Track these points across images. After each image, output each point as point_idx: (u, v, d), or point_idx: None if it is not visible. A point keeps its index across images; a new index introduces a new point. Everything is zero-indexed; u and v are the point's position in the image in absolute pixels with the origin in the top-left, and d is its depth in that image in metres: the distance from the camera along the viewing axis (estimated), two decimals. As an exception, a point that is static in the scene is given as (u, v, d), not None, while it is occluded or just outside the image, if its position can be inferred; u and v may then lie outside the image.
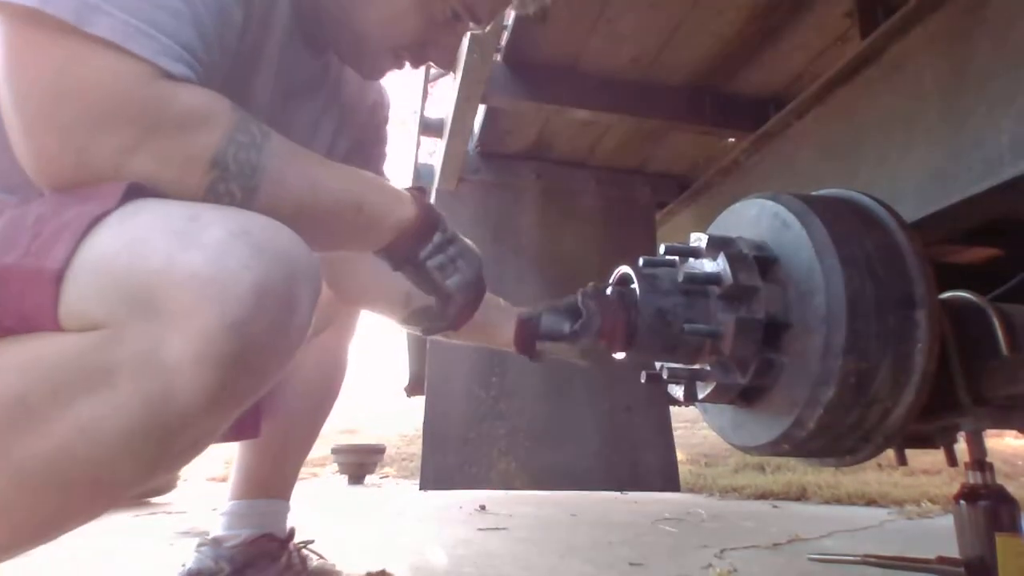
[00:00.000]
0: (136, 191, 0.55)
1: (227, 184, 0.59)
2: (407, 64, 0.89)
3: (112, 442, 0.50)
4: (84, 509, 0.55)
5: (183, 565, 1.11)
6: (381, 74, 0.90)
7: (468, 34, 1.60)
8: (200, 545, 1.13)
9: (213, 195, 0.59)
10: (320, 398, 1.23)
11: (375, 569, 1.30)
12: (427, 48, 0.87)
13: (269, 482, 1.18)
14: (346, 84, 0.99)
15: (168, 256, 0.51)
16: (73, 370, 0.50)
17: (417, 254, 0.77)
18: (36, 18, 0.52)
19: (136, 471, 0.54)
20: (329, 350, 1.21)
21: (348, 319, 1.21)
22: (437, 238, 0.77)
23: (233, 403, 0.55)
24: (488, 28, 0.94)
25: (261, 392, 0.58)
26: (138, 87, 0.55)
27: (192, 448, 0.58)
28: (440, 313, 0.82)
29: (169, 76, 0.57)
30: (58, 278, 0.50)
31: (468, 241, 0.83)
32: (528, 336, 0.94)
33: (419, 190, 0.79)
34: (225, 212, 0.56)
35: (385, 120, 1.13)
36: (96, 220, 0.52)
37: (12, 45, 0.54)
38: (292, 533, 1.19)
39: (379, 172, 1.12)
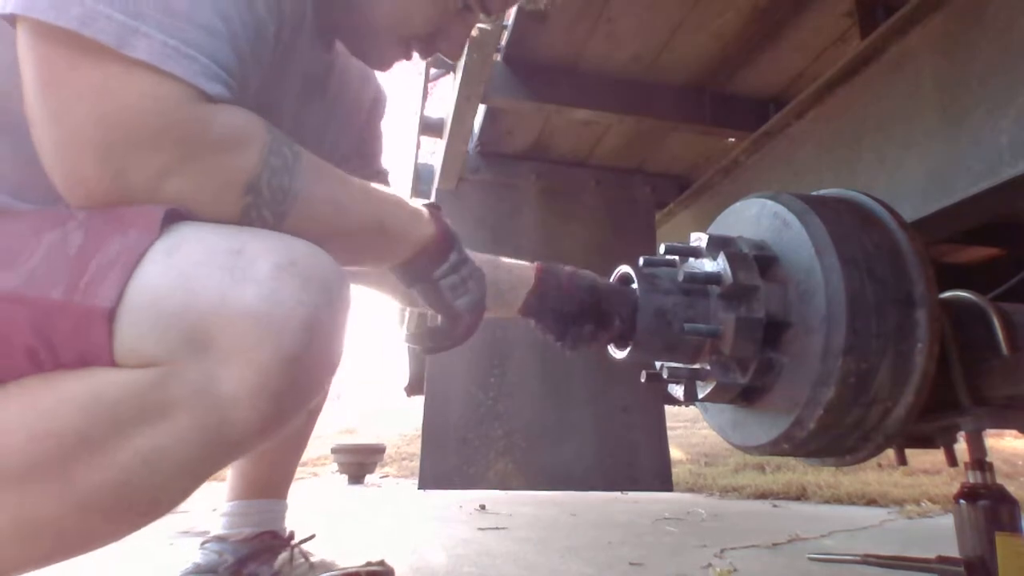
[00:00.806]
0: (172, 216, 0.56)
1: (259, 210, 0.60)
2: (416, 55, 0.89)
3: (172, 470, 0.53)
4: (136, 526, 0.57)
5: (189, 562, 1.12)
6: (389, 64, 0.90)
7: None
8: (205, 542, 1.15)
9: (246, 219, 0.59)
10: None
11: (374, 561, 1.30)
12: (437, 39, 0.87)
13: (266, 482, 1.19)
14: (349, 81, 0.99)
15: (220, 293, 0.52)
16: (134, 406, 0.52)
17: (432, 272, 0.77)
18: (74, 40, 0.52)
19: (188, 492, 0.57)
20: None
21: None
22: (453, 258, 0.78)
23: (282, 427, 0.57)
24: (493, 25, 0.93)
25: (305, 412, 0.60)
26: (177, 110, 0.55)
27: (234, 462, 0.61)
28: (447, 333, 0.82)
29: (207, 97, 0.57)
30: (111, 317, 0.51)
31: (475, 261, 0.83)
32: (528, 314, 0.92)
33: (435, 207, 0.80)
34: (267, 241, 0.57)
35: (382, 115, 1.13)
36: (142, 254, 0.53)
37: (49, 66, 0.53)
38: (292, 534, 1.20)
39: (379, 167, 1.12)
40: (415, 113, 2.33)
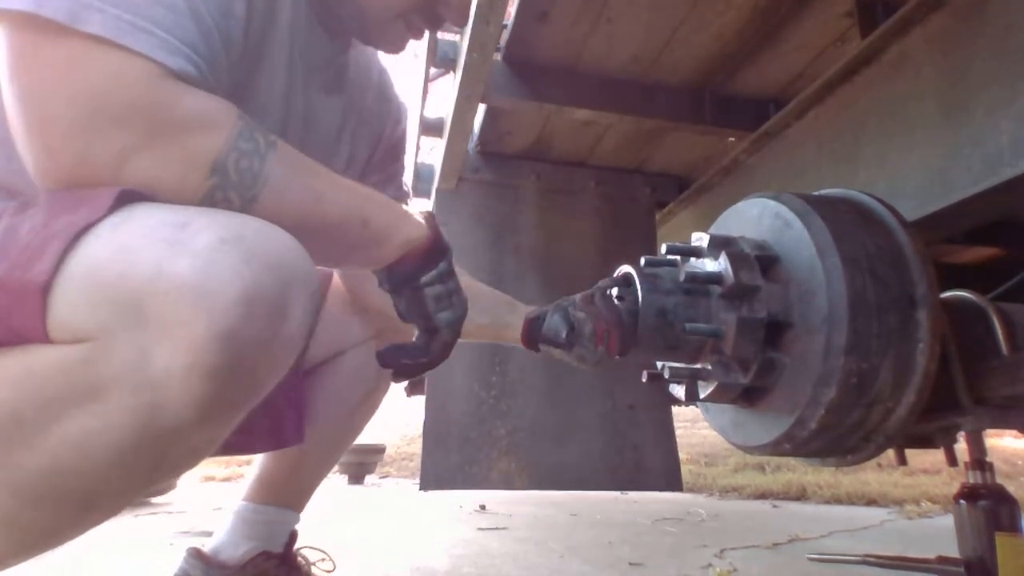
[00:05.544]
0: (129, 197, 0.54)
1: (226, 192, 0.58)
2: (424, 31, 0.87)
3: (104, 456, 0.50)
4: (80, 522, 0.55)
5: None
6: (400, 46, 0.88)
7: (468, 34, 1.61)
8: (190, 557, 1.06)
9: (210, 201, 0.58)
10: (352, 410, 1.15)
11: (375, 572, 1.27)
12: (438, 8, 0.85)
13: (282, 489, 1.12)
14: (367, 90, 0.98)
15: (156, 265, 0.50)
16: (62, 384, 0.50)
17: (419, 278, 0.73)
18: (32, 22, 0.52)
19: (130, 484, 0.54)
20: (371, 363, 1.15)
21: (400, 333, 1.09)
22: (442, 266, 0.74)
23: (227, 414, 0.54)
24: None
25: (255, 401, 0.56)
26: (138, 85, 0.54)
27: (191, 458, 0.57)
28: (423, 348, 0.76)
29: (170, 73, 0.56)
30: (44, 290, 0.49)
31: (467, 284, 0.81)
32: (533, 337, 0.93)
33: (430, 215, 0.77)
34: (218, 217, 0.54)
35: (404, 134, 1.11)
36: (84, 229, 0.51)
37: (12, 50, 0.54)
38: (294, 537, 1.14)
39: (399, 186, 1.11)
40: (415, 113, 2.33)
